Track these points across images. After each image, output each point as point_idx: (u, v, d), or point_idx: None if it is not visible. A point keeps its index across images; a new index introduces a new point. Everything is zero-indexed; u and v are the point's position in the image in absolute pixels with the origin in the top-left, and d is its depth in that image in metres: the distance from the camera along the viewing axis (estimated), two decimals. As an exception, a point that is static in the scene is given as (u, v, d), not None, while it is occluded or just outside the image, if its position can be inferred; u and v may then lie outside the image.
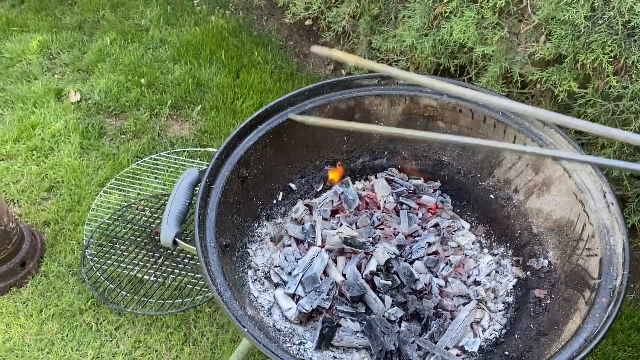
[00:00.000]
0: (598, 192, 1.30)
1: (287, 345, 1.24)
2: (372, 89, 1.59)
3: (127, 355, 1.96)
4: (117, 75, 3.00)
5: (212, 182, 1.31)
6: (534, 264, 1.39)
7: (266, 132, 1.46)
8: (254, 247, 1.45)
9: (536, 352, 1.18)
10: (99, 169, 2.56)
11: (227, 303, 1.10)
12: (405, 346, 1.25)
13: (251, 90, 2.88)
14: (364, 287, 1.33)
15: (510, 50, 2.11)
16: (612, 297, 1.14)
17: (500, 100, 0.79)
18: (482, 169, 1.56)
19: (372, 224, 1.51)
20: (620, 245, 1.21)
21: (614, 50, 1.79)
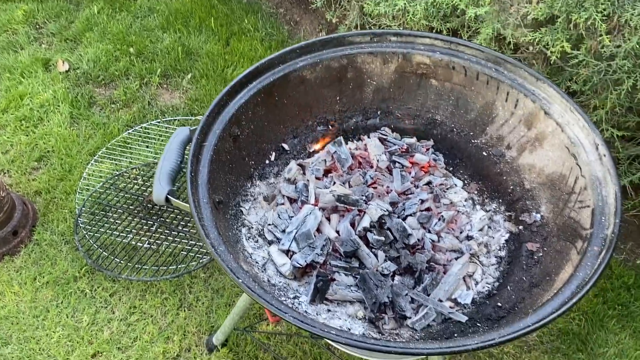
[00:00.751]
0: (591, 145, 1.31)
1: (282, 299, 1.24)
2: (364, 46, 1.57)
3: (123, 320, 1.97)
4: (106, 45, 2.96)
5: (203, 140, 1.30)
6: (526, 219, 1.40)
7: (257, 90, 1.45)
8: (247, 205, 1.44)
9: (529, 302, 1.19)
10: (89, 138, 2.54)
11: (222, 256, 1.10)
12: (398, 298, 1.26)
13: (242, 58, 2.85)
14: (357, 242, 1.33)
15: (503, 12, 2.09)
16: (604, 246, 1.15)
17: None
18: (474, 126, 1.55)
19: (365, 183, 1.51)
20: (612, 196, 1.22)
21: (607, 8, 1.78)
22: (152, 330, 1.94)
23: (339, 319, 1.25)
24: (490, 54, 1.47)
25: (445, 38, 1.52)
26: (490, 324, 1.20)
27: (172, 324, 1.97)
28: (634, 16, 1.74)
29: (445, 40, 1.52)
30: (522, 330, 1.03)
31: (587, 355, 1.92)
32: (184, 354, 1.91)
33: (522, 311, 1.16)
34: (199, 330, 1.96)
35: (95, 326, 1.96)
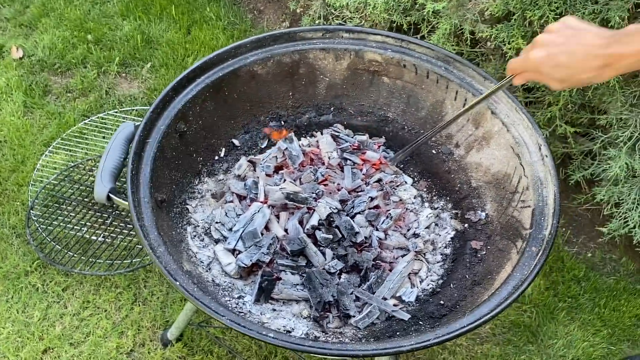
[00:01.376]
0: (534, 145, 1.33)
1: (226, 299, 1.24)
2: (316, 42, 1.56)
3: (75, 315, 1.94)
4: (62, 31, 2.88)
5: (146, 137, 1.27)
6: (471, 217, 1.42)
7: (206, 85, 1.43)
8: (194, 203, 1.43)
9: (470, 301, 1.22)
10: (44, 128, 2.48)
11: (160, 257, 1.09)
12: (343, 297, 1.27)
13: (203, 47, 2.80)
14: (304, 241, 1.33)
15: (461, 7, 2.10)
16: (541, 246, 1.17)
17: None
18: (425, 124, 1.56)
19: (316, 180, 1.51)
20: (551, 197, 1.24)
21: (559, 7, 1.80)
22: (105, 325, 1.92)
23: (283, 319, 1.25)
24: (440, 52, 1.48)
25: (397, 36, 1.52)
26: (432, 322, 1.22)
27: (126, 318, 1.95)
28: (585, 15, 1.76)
29: (397, 38, 1.52)
30: (457, 331, 1.05)
31: (537, 347, 1.96)
32: (138, 349, 1.90)
33: (463, 309, 1.18)
34: (153, 325, 1.94)
35: (47, 321, 1.93)
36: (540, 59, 0.94)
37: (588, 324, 2.02)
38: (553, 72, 0.93)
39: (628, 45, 0.84)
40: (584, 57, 0.88)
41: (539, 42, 0.95)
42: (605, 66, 0.87)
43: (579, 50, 0.89)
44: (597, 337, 1.98)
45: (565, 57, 0.90)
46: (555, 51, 0.91)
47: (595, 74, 0.89)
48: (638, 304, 2.07)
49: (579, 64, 0.89)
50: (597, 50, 0.87)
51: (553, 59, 0.91)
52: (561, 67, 0.91)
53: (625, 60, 0.85)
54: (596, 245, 2.26)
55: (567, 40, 0.91)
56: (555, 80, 0.94)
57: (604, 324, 2.02)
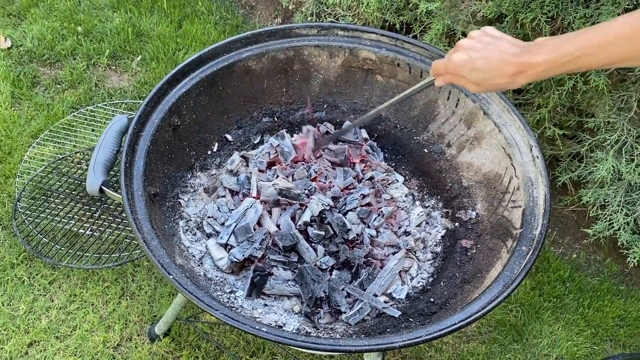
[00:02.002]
0: (525, 146, 1.34)
1: (218, 293, 1.24)
2: (311, 39, 1.56)
3: (62, 309, 1.93)
4: (52, 22, 2.84)
5: (140, 130, 1.27)
6: (462, 216, 1.43)
7: (200, 79, 1.42)
8: (186, 197, 1.42)
9: (459, 299, 1.23)
10: (31, 119, 2.45)
11: (153, 251, 1.09)
12: (334, 293, 1.27)
13: (194, 42, 2.79)
14: (296, 236, 1.34)
15: (454, 8, 2.11)
16: (531, 246, 1.19)
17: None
18: (417, 123, 1.57)
19: (309, 177, 1.51)
20: (542, 197, 1.26)
21: (551, 10, 1.83)
22: (92, 319, 1.91)
23: (274, 314, 1.25)
24: (433, 52, 1.49)
25: (391, 35, 1.53)
26: (422, 319, 1.23)
27: (114, 312, 1.94)
28: (577, 19, 1.78)
29: (391, 36, 1.53)
30: (448, 328, 1.06)
31: (522, 346, 1.99)
32: (125, 343, 1.89)
33: (453, 307, 1.20)
34: (141, 320, 1.93)
35: (33, 315, 1.91)
36: (460, 62, 0.97)
37: (572, 323, 2.05)
38: (470, 75, 0.97)
39: (538, 55, 0.89)
40: (498, 63, 0.92)
41: (461, 45, 0.99)
42: (518, 73, 0.91)
43: (494, 56, 0.93)
44: (581, 337, 2.01)
45: (482, 62, 0.94)
46: (474, 55, 0.95)
47: (509, 80, 0.93)
48: (621, 305, 2.10)
49: (494, 70, 0.93)
50: (511, 58, 0.91)
51: (471, 62, 0.95)
52: (478, 71, 0.95)
53: (536, 68, 0.90)
54: (581, 247, 2.29)
55: (485, 46, 0.95)
56: (471, 83, 0.98)
57: (587, 324, 2.05)
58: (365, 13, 2.38)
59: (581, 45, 0.87)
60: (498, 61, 0.92)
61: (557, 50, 0.88)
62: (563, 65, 0.89)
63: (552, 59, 0.88)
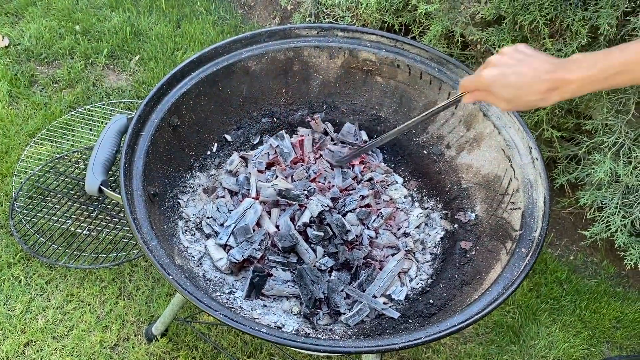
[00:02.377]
0: (525, 148, 1.35)
1: (217, 294, 1.24)
2: (311, 39, 1.56)
3: (59, 309, 1.92)
4: (50, 21, 2.83)
5: (140, 130, 1.27)
6: (461, 217, 1.44)
7: (200, 80, 1.42)
8: (185, 197, 1.42)
9: (459, 300, 1.23)
10: (29, 118, 2.44)
11: (153, 251, 1.08)
12: (334, 294, 1.27)
13: (192, 42, 2.78)
14: (296, 237, 1.34)
15: (453, 10, 2.11)
16: (530, 248, 1.19)
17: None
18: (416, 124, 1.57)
19: (308, 177, 1.51)
20: (541, 199, 1.26)
21: (550, 12, 1.83)
22: (89, 319, 1.90)
23: (273, 315, 1.25)
24: (434, 53, 1.49)
25: (391, 36, 1.53)
26: (422, 320, 1.23)
27: (111, 312, 1.93)
28: (575, 22, 1.79)
29: (391, 38, 1.53)
30: (448, 330, 1.06)
31: (519, 347, 1.99)
32: (122, 343, 1.88)
33: (452, 309, 1.20)
34: (138, 320, 1.92)
35: (30, 314, 1.90)
36: (492, 78, 0.96)
37: (569, 325, 2.05)
38: (502, 92, 0.96)
39: (573, 71, 0.89)
40: (532, 80, 0.91)
41: (492, 62, 0.98)
42: (551, 90, 0.91)
43: (528, 73, 0.92)
44: (578, 339, 2.01)
45: (515, 77, 0.93)
46: (507, 72, 0.94)
47: (542, 97, 0.92)
48: (617, 307, 2.11)
49: (527, 86, 0.92)
50: (545, 75, 0.90)
51: (504, 78, 0.94)
52: (510, 87, 0.94)
53: (570, 85, 0.89)
54: (578, 248, 2.30)
55: (518, 62, 0.94)
56: (503, 99, 0.97)
57: (584, 325, 2.06)
58: (364, 14, 2.39)
59: (617, 62, 0.87)
60: (532, 77, 0.91)
61: (594, 67, 0.87)
62: (598, 83, 0.88)
63: (588, 76, 0.88)
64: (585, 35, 1.77)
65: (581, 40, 1.79)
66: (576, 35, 1.82)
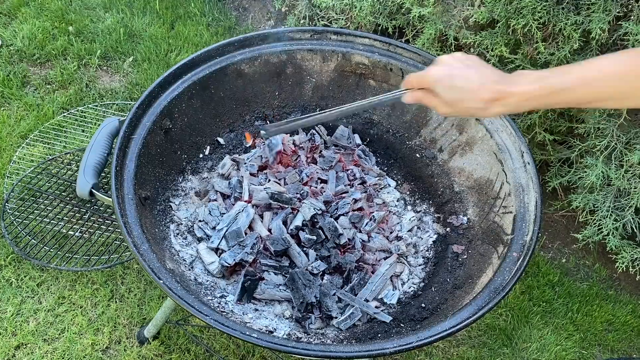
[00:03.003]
0: (516, 152, 1.35)
1: (208, 298, 1.23)
2: (304, 43, 1.56)
3: (50, 311, 1.91)
4: (43, 22, 2.82)
5: (131, 133, 1.26)
6: (453, 221, 1.44)
7: (192, 82, 1.42)
8: (177, 201, 1.42)
9: (450, 304, 1.23)
10: (21, 119, 2.42)
11: (144, 255, 1.08)
12: (325, 298, 1.27)
13: (186, 43, 2.78)
14: (288, 241, 1.33)
15: (446, 13, 2.12)
16: (522, 252, 1.19)
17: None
18: (409, 128, 1.57)
19: (301, 181, 1.51)
20: (533, 203, 1.26)
21: (543, 16, 1.84)
22: (81, 322, 1.89)
23: (265, 319, 1.25)
24: (426, 57, 1.49)
25: (384, 39, 1.53)
26: (413, 324, 1.23)
27: (103, 315, 1.92)
28: (567, 26, 1.80)
29: (384, 41, 1.53)
30: (439, 334, 1.06)
31: (511, 350, 2.00)
32: (114, 346, 1.87)
33: (444, 313, 1.20)
34: (130, 322, 1.92)
35: (20, 317, 1.89)
36: (438, 76, 0.94)
37: (561, 328, 2.06)
38: (445, 93, 0.94)
39: (517, 84, 0.87)
40: (477, 86, 0.90)
41: (441, 60, 0.96)
42: (493, 100, 0.89)
43: (475, 79, 0.91)
44: (570, 342, 2.02)
45: (461, 81, 0.92)
46: (454, 73, 0.93)
47: (483, 107, 0.91)
48: (609, 310, 2.12)
49: (471, 92, 0.91)
50: (491, 84, 0.89)
51: (450, 79, 0.93)
52: (454, 90, 0.92)
53: (512, 98, 0.88)
54: (571, 251, 2.31)
55: (467, 67, 0.93)
56: (444, 102, 0.95)
57: (576, 328, 2.06)
58: (358, 17, 2.39)
59: (566, 79, 0.86)
60: (478, 84, 0.90)
61: (539, 82, 0.86)
62: (543, 98, 0.87)
63: (532, 90, 0.87)
64: (577, 39, 1.78)
65: (573, 44, 1.80)
66: (568, 40, 1.83)
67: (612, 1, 1.70)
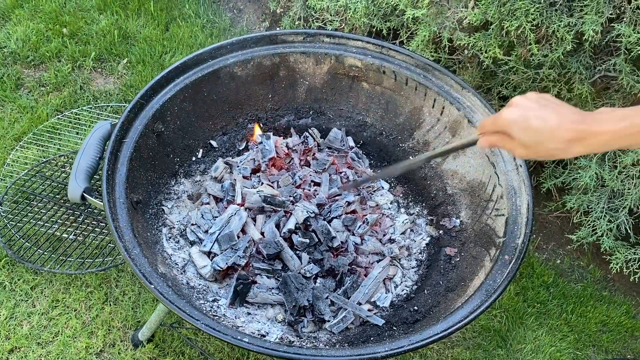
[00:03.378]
0: (508, 155, 1.35)
1: (200, 302, 1.23)
2: (297, 45, 1.56)
3: (44, 314, 1.90)
4: (37, 24, 2.81)
5: (123, 136, 1.26)
6: (446, 223, 1.44)
7: (184, 85, 1.42)
8: (170, 204, 1.41)
9: (443, 307, 1.23)
10: (15, 122, 2.42)
11: (135, 259, 1.08)
12: (318, 301, 1.27)
13: (181, 45, 2.77)
14: (280, 244, 1.33)
15: (440, 15, 2.12)
16: (513, 255, 1.19)
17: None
18: (403, 130, 1.57)
19: (294, 183, 1.51)
20: (525, 206, 1.27)
21: (536, 18, 1.84)
22: (75, 325, 1.89)
23: (257, 322, 1.25)
24: (419, 60, 1.49)
25: (377, 42, 1.53)
26: (406, 327, 1.23)
27: (97, 318, 1.92)
28: (561, 27, 1.80)
29: (377, 44, 1.53)
30: (430, 338, 1.06)
31: (506, 352, 2.00)
32: (108, 349, 1.87)
33: (436, 316, 1.20)
34: (124, 325, 1.91)
35: (14, 320, 1.88)
36: (513, 118, 0.90)
37: (556, 329, 2.06)
38: (521, 135, 0.89)
39: (601, 124, 0.84)
40: (556, 127, 0.86)
41: (514, 102, 0.92)
42: (574, 140, 0.86)
43: (552, 118, 0.87)
44: (564, 343, 2.02)
45: (538, 122, 0.87)
46: (530, 114, 0.88)
47: (563, 147, 0.87)
48: (603, 310, 2.12)
49: (550, 133, 0.87)
50: (570, 124, 0.86)
51: (526, 121, 0.88)
52: (531, 131, 0.88)
53: (596, 138, 0.85)
54: (565, 252, 2.31)
55: (543, 107, 0.89)
56: (521, 145, 0.90)
57: (570, 329, 2.07)
58: (352, 18, 2.39)
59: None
60: (556, 124, 0.85)
61: (625, 120, 0.83)
62: (630, 138, 0.84)
63: (618, 129, 0.83)
64: (570, 41, 1.78)
65: (567, 46, 1.80)
66: (562, 41, 1.83)
67: (604, 3, 1.70)
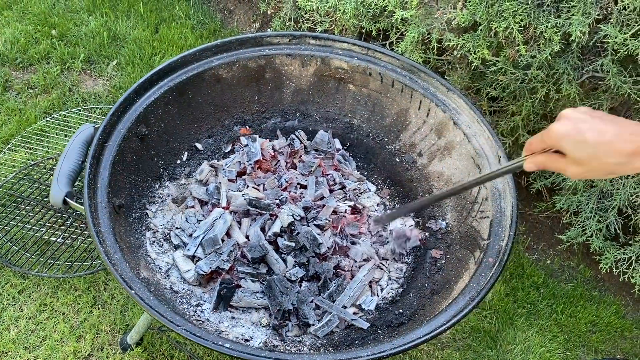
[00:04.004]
0: (494, 157, 1.35)
1: (184, 306, 1.22)
2: (283, 47, 1.55)
3: (32, 319, 1.89)
4: (25, 25, 2.80)
5: (105, 140, 1.25)
6: (432, 225, 1.43)
7: (169, 88, 1.41)
8: (154, 208, 1.41)
9: (428, 310, 1.23)
10: (3, 124, 2.40)
11: (116, 265, 1.07)
12: (303, 305, 1.26)
13: (171, 46, 2.76)
14: (265, 248, 1.33)
15: (429, 16, 2.12)
16: (497, 257, 1.19)
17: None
18: (389, 132, 1.57)
19: (280, 186, 1.50)
20: (509, 208, 1.26)
21: (524, 19, 1.84)
22: (63, 329, 1.88)
23: (242, 327, 1.24)
24: (405, 62, 1.49)
25: (363, 44, 1.52)
26: (391, 330, 1.23)
27: (85, 322, 1.91)
28: (548, 28, 1.80)
29: (363, 46, 1.52)
30: (413, 342, 1.06)
31: (496, 352, 2.00)
32: (96, 353, 1.86)
33: (421, 319, 1.19)
34: (113, 329, 1.90)
35: (1, 325, 1.87)
36: (564, 132, 0.80)
37: (546, 329, 2.06)
38: (575, 150, 0.79)
39: None
40: (614, 138, 0.77)
41: (564, 115, 0.82)
42: (637, 154, 0.77)
43: (610, 129, 0.77)
44: (554, 343, 2.02)
45: (594, 134, 0.78)
46: (583, 126, 0.79)
47: (625, 161, 0.78)
48: (593, 311, 2.12)
49: (607, 145, 0.77)
50: (630, 135, 0.77)
51: (579, 133, 0.79)
52: (586, 145, 0.78)
53: None
54: (555, 253, 2.31)
55: (597, 118, 0.80)
56: (574, 162, 0.81)
57: (560, 330, 2.07)
58: (342, 19, 2.38)
59: None
60: (613, 135, 0.77)
61: None
62: None
63: None
64: (558, 42, 1.78)
65: (554, 47, 1.80)
66: (549, 42, 1.83)
67: (591, 4, 1.70)
